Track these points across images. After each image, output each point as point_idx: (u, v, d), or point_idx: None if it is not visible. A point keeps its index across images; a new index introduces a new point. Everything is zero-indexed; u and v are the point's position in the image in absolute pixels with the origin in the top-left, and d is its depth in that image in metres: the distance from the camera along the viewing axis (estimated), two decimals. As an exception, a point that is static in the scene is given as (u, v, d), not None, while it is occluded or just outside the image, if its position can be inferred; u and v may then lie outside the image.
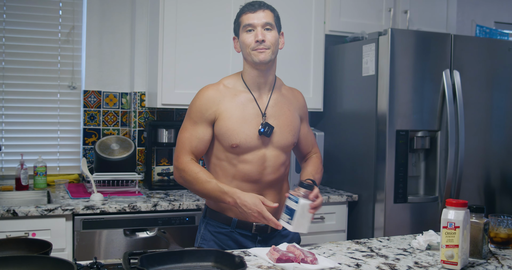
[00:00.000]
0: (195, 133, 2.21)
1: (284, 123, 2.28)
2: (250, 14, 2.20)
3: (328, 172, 3.83)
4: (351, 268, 1.84)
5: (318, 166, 2.44)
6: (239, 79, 2.28)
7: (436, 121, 3.41)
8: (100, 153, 3.37)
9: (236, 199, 2.06)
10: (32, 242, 1.71)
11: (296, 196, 2.03)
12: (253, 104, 2.23)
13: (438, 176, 3.44)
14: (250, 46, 2.19)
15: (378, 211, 3.36)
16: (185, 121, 2.27)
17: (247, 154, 2.19)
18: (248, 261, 1.87)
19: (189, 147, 2.21)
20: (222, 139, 2.20)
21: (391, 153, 3.29)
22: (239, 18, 2.25)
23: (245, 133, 2.19)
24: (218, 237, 2.24)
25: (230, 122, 2.18)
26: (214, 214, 2.28)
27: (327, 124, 3.87)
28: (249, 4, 2.25)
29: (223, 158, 2.23)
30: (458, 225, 1.85)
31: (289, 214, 2.04)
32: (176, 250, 1.65)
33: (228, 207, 2.22)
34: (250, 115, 2.21)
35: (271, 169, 2.23)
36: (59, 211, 2.83)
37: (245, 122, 2.20)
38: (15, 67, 3.63)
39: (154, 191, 3.45)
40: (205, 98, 2.22)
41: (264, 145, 2.22)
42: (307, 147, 2.48)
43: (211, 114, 2.20)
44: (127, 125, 3.82)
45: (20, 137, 3.66)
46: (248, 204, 2.04)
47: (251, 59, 2.20)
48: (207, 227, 2.28)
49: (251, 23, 2.19)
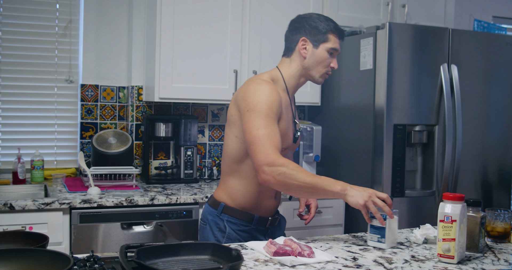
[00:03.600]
0: (275, 127, 2.08)
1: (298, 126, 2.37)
2: (338, 40, 2.25)
3: (325, 166, 3.83)
4: (348, 262, 1.84)
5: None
6: (280, 78, 2.26)
7: (433, 115, 3.41)
8: (97, 147, 3.37)
9: (345, 185, 2.03)
10: (29, 235, 1.70)
11: (381, 214, 2.02)
12: (290, 107, 2.28)
13: (436, 170, 3.45)
14: (326, 68, 2.25)
15: (376, 205, 3.35)
16: (258, 118, 2.06)
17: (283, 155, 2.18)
18: (245, 255, 1.87)
19: (276, 142, 2.04)
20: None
21: (388, 147, 3.29)
22: (328, 34, 2.22)
23: (289, 136, 2.25)
24: (241, 235, 2.25)
25: (284, 124, 2.19)
26: (234, 212, 2.26)
27: (325, 119, 3.87)
28: (340, 29, 2.26)
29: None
30: (455, 219, 1.85)
31: (379, 233, 2.03)
32: (173, 243, 1.64)
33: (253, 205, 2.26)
34: (289, 118, 2.27)
35: None
36: (56, 205, 2.83)
37: (289, 125, 2.25)
38: (12, 61, 3.62)
39: (152, 185, 3.45)
40: (276, 95, 2.12)
41: (289, 147, 2.30)
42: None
43: (279, 111, 2.13)
44: (124, 119, 3.81)
45: (17, 131, 3.66)
46: (360, 188, 2.03)
47: (315, 76, 2.25)
48: (230, 226, 2.26)
49: (337, 50, 2.25)
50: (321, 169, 3.86)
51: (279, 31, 3.56)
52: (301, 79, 2.28)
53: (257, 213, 2.26)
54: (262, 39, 3.59)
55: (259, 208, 2.27)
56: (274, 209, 2.36)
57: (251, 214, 2.26)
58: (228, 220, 2.27)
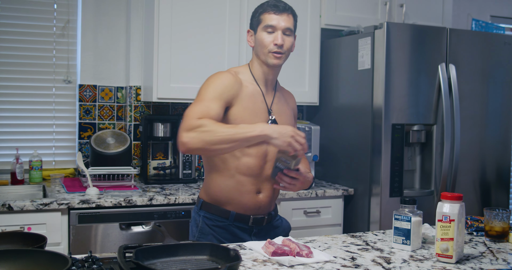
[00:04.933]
0: (213, 104, 2.06)
1: (285, 121, 2.31)
2: (274, 15, 2.18)
3: (324, 166, 3.83)
4: (346, 262, 1.84)
5: (308, 165, 2.43)
6: (247, 71, 2.28)
7: (431, 115, 3.42)
8: (95, 147, 3.36)
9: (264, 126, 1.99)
10: (27, 236, 1.70)
11: (405, 215, 2.02)
12: (261, 98, 2.25)
13: (434, 170, 3.45)
14: (268, 47, 2.18)
15: (374, 205, 3.36)
16: (200, 96, 2.11)
17: (252, 147, 2.17)
18: (244, 255, 1.87)
19: (205, 114, 2.02)
20: None
21: (386, 147, 3.29)
22: (261, 15, 2.21)
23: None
24: (216, 230, 2.24)
25: (244, 114, 2.17)
26: (210, 208, 2.27)
27: (323, 118, 3.87)
28: (274, 4, 2.20)
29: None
30: (453, 219, 1.85)
31: (404, 235, 2.02)
32: (171, 244, 1.64)
33: (228, 200, 2.23)
34: (259, 109, 2.23)
35: (271, 163, 2.23)
36: (55, 205, 2.83)
37: (256, 115, 2.20)
38: (9, 61, 3.62)
39: (150, 185, 3.45)
40: (226, 79, 2.15)
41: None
42: None
43: (230, 96, 2.13)
44: (122, 119, 3.81)
45: (16, 131, 3.65)
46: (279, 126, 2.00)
47: (265, 60, 2.21)
48: (204, 221, 2.27)
49: (273, 25, 2.17)
50: (319, 169, 3.86)
51: (277, 31, 3.57)
52: (263, 67, 2.24)
53: (234, 209, 2.23)
54: (260, 39, 3.58)
55: (237, 204, 2.23)
56: (255, 207, 2.26)
57: (227, 210, 2.23)
58: (204, 215, 2.27)
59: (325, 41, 3.85)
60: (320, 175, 3.88)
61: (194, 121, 1.98)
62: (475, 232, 2.33)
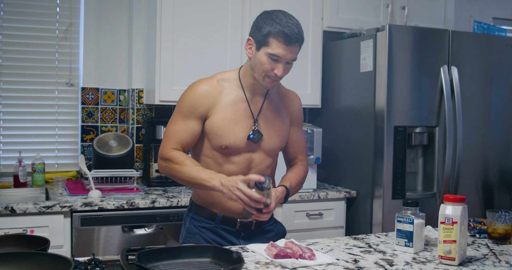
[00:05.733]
0: (185, 127, 2.15)
1: (274, 128, 2.24)
2: (283, 45, 2.02)
3: (326, 168, 3.83)
4: (349, 264, 1.84)
5: (300, 174, 2.35)
6: (235, 77, 2.21)
7: (434, 117, 3.41)
8: (98, 150, 3.37)
9: (221, 179, 1.99)
10: (30, 239, 1.71)
11: (407, 217, 2.02)
12: (244, 105, 2.19)
13: (436, 172, 3.45)
14: (266, 72, 2.08)
15: (376, 207, 3.36)
16: (175, 114, 2.19)
17: (234, 155, 2.17)
18: (246, 257, 1.87)
19: (178, 139, 2.16)
20: (211, 138, 2.16)
21: (389, 149, 3.29)
22: (269, 37, 2.03)
23: (235, 136, 2.15)
24: (202, 231, 2.24)
25: (222, 123, 2.14)
26: (199, 209, 2.27)
27: (325, 121, 3.88)
28: (286, 33, 2.02)
29: (209, 155, 2.20)
30: (456, 221, 1.85)
31: (406, 237, 2.02)
32: (174, 246, 1.65)
33: (213, 203, 2.22)
34: (241, 117, 2.17)
35: (256, 170, 2.21)
36: (57, 208, 2.83)
37: (236, 124, 2.16)
38: (12, 64, 3.62)
39: (152, 187, 3.45)
40: (198, 92, 2.15)
41: (251, 148, 2.20)
42: (294, 153, 2.41)
43: (203, 110, 2.14)
44: (125, 122, 3.82)
45: (18, 134, 3.66)
46: (229, 183, 1.96)
47: (258, 79, 2.12)
48: (192, 222, 2.27)
49: (279, 56, 2.04)
50: (322, 171, 3.86)
51: (279, 34, 3.57)
52: (251, 79, 2.18)
53: (220, 212, 2.21)
54: (262, 42, 3.58)
55: (222, 207, 2.21)
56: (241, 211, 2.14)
57: (214, 212, 2.23)
58: (192, 216, 2.29)
59: (327, 44, 3.85)
60: (323, 177, 3.87)
61: (165, 152, 2.16)
62: (478, 234, 2.33)
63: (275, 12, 2.11)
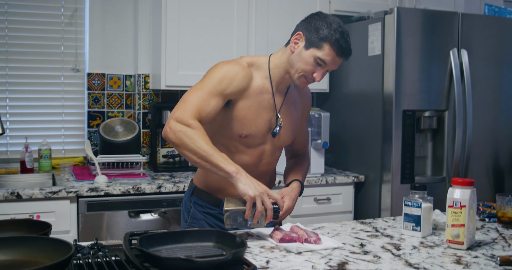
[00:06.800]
0: (212, 100, 1.97)
1: (289, 123, 2.20)
2: (335, 55, 2.00)
3: (334, 153, 3.80)
4: (355, 248, 1.81)
5: (307, 166, 2.37)
6: (265, 66, 2.11)
7: (443, 100, 3.37)
8: (104, 135, 3.35)
9: (240, 169, 1.87)
10: (33, 223, 1.70)
11: (415, 201, 1.99)
12: (269, 96, 2.11)
13: (446, 156, 3.41)
14: (305, 73, 2.03)
15: (385, 192, 3.33)
16: (203, 84, 2.00)
17: (249, 145, 2.12)
18: (251, 241, 1.86)
19: (203, 109, 1.94)
20: (233, 125, 2.07)
21: (397, 133, 3.25)
22: (324, 42, 1.98)
23: (256, 127, 2.09)
24: (207, 217, 2.21)
25: (248, 111, 2.06)
26: (202, 194, 2.22)
27: (333, 105, 3.84)
28: (342, 45, 1.99)
29: (223, 143, 2.11)
30: (464, 204, 1.82)
31: (414, 221, 1.99)
32: (177, 230, 1.63)
33: (219, 189, 2.17)
34: (264, 108, 2.10)
35: (266, 161, 2.18)
36: (63, 193, 2.82)
37: (258, 114, 2.09)
38: (18, 50, 3.61)
39: (159, 173, 3.44)
40: (234, 72, 2.01)
41: (265, 140, 2.16)
42: (300, 145, 2.39)
43: (234, 92, 2.01)
44: (131, 108, 3.80)
45: (25, 120, 3.65)
46: (254, 179, 1.88)
47: (293, 76, 2.06)
48: (195, 207, 2.23)
49: (326, 63, 2.01)
50: (330, 156, 3.83)
51: (286, 19, 3.53)
52: (286, 74, 2.10)
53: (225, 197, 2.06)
54: (269, 27, 3.54)
55: (228, 194, 2.09)
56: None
57: (219, 198, 2.18)
58: (195, 202, 2.24)
59: (335, 27, 3.80)
60: (331, 162, 3.85)
61: (187, 118, 1.90)
62: (487, 219, 2.29)
63: (330, 16, 2.04)
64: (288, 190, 2.15)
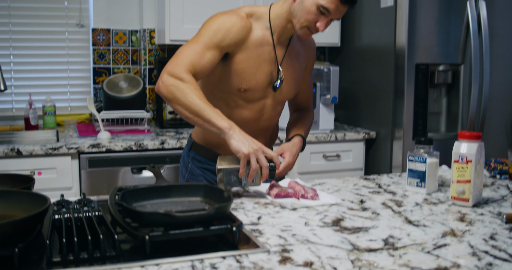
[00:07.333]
0: (208, 53, 1.87)
1: (292, 76, 2.09)
2: (338, 2, 1.86)
3: (345, 109, 3.71)
4: (353, 204, 1.73)
5: (311, 121, 2.28)
6: (265, 16, 2.01)
7: (459, 54, 3.23)
8: (108, 91, 3.28)
9: (234, 125, 1.78)
10: (16, 178, 1.65)
11: (420, 156, 1.90)
12: (269, 48, 2.01)
13: (461, 112, 3.30)
14: (308, 23, 1.91)
15: (396, 149, 3.24)
16: (198, 37, 1.90)
17: (249, 100, 2.03)
18: (246, 197, 1.79)
19: (197, 62, 1.84)
20: (232, 79, 1.98)
21: (410, 88, 3.14)
22: None
23: (256, 80, 2.00)
24: (206, 173, 2.14)
25: (247, 64, 1.97)
26: (200, 150, 2.15)
27: (345, 60, 3.72)
28: None
29: (221, 97, 2.02)
30: (471, 159, 1.72)
31: (418, 177, 1.89)
32: (163, 185, 1.56)
33: (218, 144, 2.07)
34: (264, 61, 2.00)
35: (267, 117, 2.10)
36: (64, 150, 2.78)
37: (258, 67, 1.99)
38: (21, 6, 3.52)
39: (165, 129, 3.37)
40: (231, 23, 1.90)
41: (266, 95, 2.06)
42: (304, 100, 2.30)
43: (231, 44, 1.92)
44: (137, 64, 3.71)
45: (29, 77, 3.59)
46: (248, 136, 1.79)
47: (295, 26, 1.94)
48: (193, 162, 2.16)
49: (329, 11, 1.87)
50: (341, 112, 3.73)
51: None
52: (288, 24, 1.98)
53: (225, 154, 1.98)
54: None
55: (228, 150, 1.92)
56: None
57: (217, 153, 2.06)
58: (193, 157, 2.16)
59: (347, -22, 3.65)
60: (341, 118, 3.75)
61: (179, 71, 1.80)
62: (499, 175, 2.19)
63: None
64: (289, 145, 2.07)
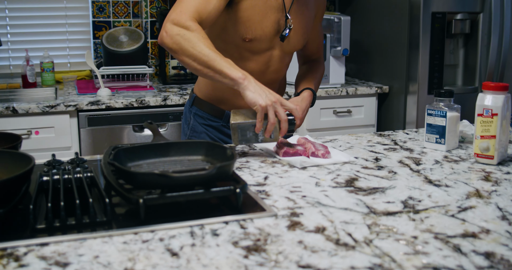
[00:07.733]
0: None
1: (300, 25, 1.94)
2: None
3: (356, 62, 3.56)
4: (368, 163, 1.60)
5: (322, 74, 2.14)
6: None
7: (478, 1, 3.08)
8: (107, 46, 3.13)
9: (248, 75, 1.62)
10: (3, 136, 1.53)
11: (439, 110, 1.74)
12: None
13: (479, 65, 3.16)
14: None
15: (411, 104, 3.10)
16: None
17: (255, 51, 1.89)
18: (253, 156, 1.66)
19: (202, 9, 1.68)
20: (236, 28, 1.84)
21: (425, 39, 2.99)
22: None
23: (262, 30, 1.85)
24: (209, 129, 2.02)
25: (252, 12, 1.82)
26: (203, 105, 2.02)
27: (357, 10, 3.55)
28: None
29: (225, 48, 1.86)
30: (496, 112, 1.57)
31: (437, 133, 1.75)
32: (161, 142, 1.42)
33: (223, 99, 1.96)
34: (271, 9, 1.85)
35: (274, 68, 1.96)
36: (62, 108, 2.65)
37: (264, 16, 1.85)
38: (14, -45, 3.35)
39: (168, 85, 3.23)
40: None
41: (273, 45, 1.92)
42: (313, 50, 2.15)
43: None
44: (139, 17, 3.55)
45: (26, 32, 3.44)
46: (265, 87, 1.64)
47: None
48: (196, 119, 2.04)
49: None
50: (353, 66, 3.58)
51: None
52: None
53: (228, 109, 1.90)
54: None
55: (232, 105, 1.88)
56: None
57: (221, 109, 1.97)
58: (195, 113, 2.03)
59: None
60: (353, 72, 3.60)
61: (184, 19, 1.64)
62: (523, 130, 2.05)
63: None
64: (298, 99, 1.93)
